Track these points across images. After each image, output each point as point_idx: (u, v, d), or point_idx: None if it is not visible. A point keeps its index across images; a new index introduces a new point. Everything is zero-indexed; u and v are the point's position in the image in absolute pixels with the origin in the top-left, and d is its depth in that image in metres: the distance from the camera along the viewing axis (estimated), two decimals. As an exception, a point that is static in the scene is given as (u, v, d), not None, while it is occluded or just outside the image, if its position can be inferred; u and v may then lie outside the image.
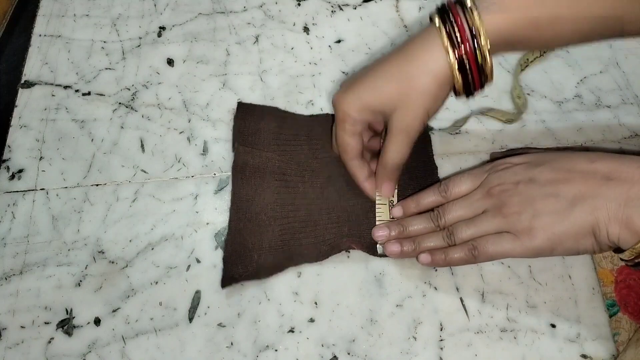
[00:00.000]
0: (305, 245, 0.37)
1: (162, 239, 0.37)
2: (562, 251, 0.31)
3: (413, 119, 0.34)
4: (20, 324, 0.34)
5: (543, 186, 0.32)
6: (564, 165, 0.32)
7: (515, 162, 0.35)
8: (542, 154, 0.35)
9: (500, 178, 0.34)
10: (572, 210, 0.30)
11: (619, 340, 0.34)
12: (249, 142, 0.40)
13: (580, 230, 0.30)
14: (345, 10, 0.50)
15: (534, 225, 0.31)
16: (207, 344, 0.34)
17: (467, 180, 0.36)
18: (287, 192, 0.38)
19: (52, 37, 0.47)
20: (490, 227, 0.33)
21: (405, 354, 0.34)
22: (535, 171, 0.33)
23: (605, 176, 0.30)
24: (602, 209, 0.29)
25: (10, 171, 0.40)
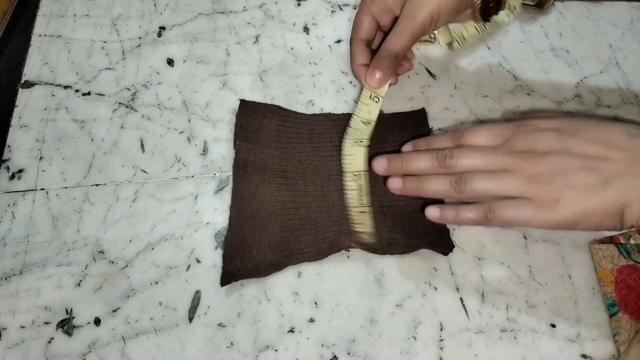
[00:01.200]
0: (305, 243, 0.37)
1: (162, 239, 0.37)
2: (583, 227, 0.30)
3: (421, 7, 0.35)
4: (20, 324, 0.34)
5: (577, 158, 0.30)
6: (600, 137, 0.30)
7: (543, 127, 0.32)
8: (573, 120, 0.32)
9: (529, 142, 0.31)
10: (604, 187, 0.29)
11: (619, 340, 0.34)
12: (250, 139, 0.40)
13: (609, 209, 0.29)
14: (345, 10, 0.50)
15: (561, 197, 0.30)
16: (207, 344, 0.34)
17: (486, 133, 0.33)
18: (287, 189, 0.38)
19: (52, 37, 0.47)
20: (511, 187, 0.31)
21: (405, 354, 0.34)
22: (568, 141, 0.31)
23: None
24: (636, 189, 0.28)
25: (10, 171, 0.40)
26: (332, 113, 0.43)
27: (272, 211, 0.37)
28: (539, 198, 0.30)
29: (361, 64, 0.38)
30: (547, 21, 0.50)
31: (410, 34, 0.36)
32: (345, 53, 0.47)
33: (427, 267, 0.37)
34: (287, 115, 0.42)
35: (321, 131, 0.42)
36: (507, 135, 0.33)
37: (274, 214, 0.37)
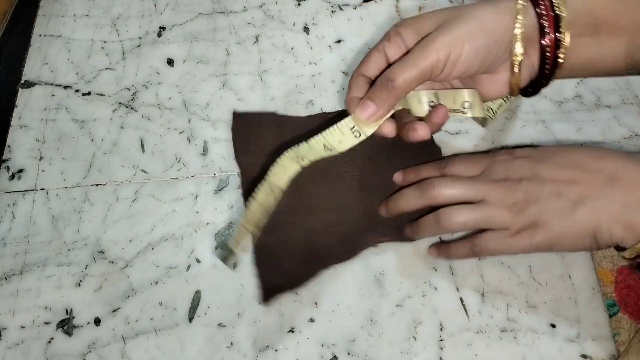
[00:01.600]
0: (332, 246, 0.36)
1: (162, 239, 0.37)
2: (559, 249, 0.32)
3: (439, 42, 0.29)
4: (20, 324, 0.34)
5: (546, 184, 0.31)
6: (568, 162, 0.32)
7: (518, 155, 0.34)
8: (546, 148, 0.34)
9: (504, 171, 0.33)
10: (574, 210, 0.30)
11: (619, 340, 0.34)
12: (251, 152, 0.40)
13: (581, 231, 0.30)
14: (345, 10, 0.50)
15: (537, 223, 0.31)
16: (207, 344, 0.34)
17: (465, 161, 0.35)
18: (299, 195, 0.38)
19: (52, 37, 0.47)
20: (491, 218, 0.32)
21: (405, 354, 0.34)
22: (539, 167, 0.32)
23: (610, 176, 0.30)
24: (605, 211, 0.29)
25: (10, 171, 0.40)
26: (328, 112, 0.43)
27: (290, 221, 0.37)
28: (517, 226, 0.32)
29: (355, 96, 0.33)
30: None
31: (417, 67, 0.30)
32: (346, 53, 0.47)
33: (427, 267, 0.37)
34: (283, 121, 0.42)
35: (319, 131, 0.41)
36: (486, 164, 0.35)
37: (293, 224, 0.37)
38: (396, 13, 0.50)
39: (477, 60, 0.30)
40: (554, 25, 0.30)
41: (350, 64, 0.47)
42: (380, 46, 0.33)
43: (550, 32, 0.30)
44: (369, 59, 0.34)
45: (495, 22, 0.30)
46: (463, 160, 0.36)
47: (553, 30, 0.30)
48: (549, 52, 0.30)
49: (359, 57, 0.47)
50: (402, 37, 0.32)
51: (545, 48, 0.30)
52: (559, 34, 0.30)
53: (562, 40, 0.30)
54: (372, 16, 0.50)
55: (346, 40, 0.48)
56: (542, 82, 0.32)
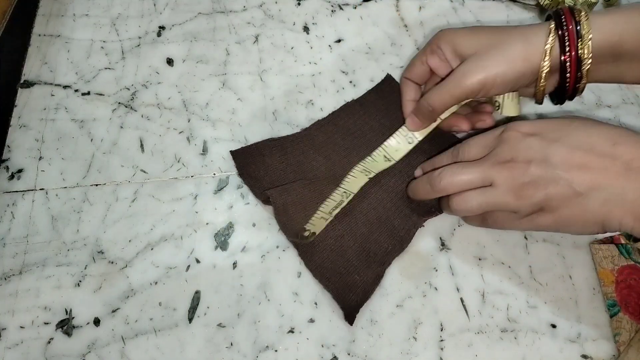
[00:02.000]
0: (384, 243, 0.37)
1: (162, 239, 0.37)
2: (566, 232, 0.32)
3: (474, 71, 0.34)
4: (19, 324, 0.34)
5: (557, 168, 0.30)
6: (582, 143, 0.30)
7: (527, 132, 0.33)
8: (558, 123, 0.33)
9: (512, 151, 0.32)
10: (585, 199, 0.29)
11: (619, 341, 0.34)
12: (268, 184, 0.39)
13: (590, 219, 0.30)
14: (345, 9, 0.50)
15: (544, 207, 0.31)
16: (207, 344, 0.34)
17: (474, 144, 0.35)
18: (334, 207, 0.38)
19: (51, 36, 0.47)
20: (499, 202, 0.32)
21: (405, 354, 0.34)
22: (549, 149, 0.31)
23: (625, 165, 0.29)
24: (617, 201, 0.29)
25: (10, 171, 0.40)
26: (322, 119, 0.43)
27: (337, 234, 0.37)
28: (525, 211, 0.32)
29: (409, 100, 0.40)
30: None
31: (451, 96, 0.35)
32: (346, 52, 0.47)
33: (427, 267, 0.37)
34: (283, 143, 0.41)
35: (323, 140, 0.41)
36: (494, 142, 0.34)
37: (341, 236, 0.37)
38: (396, 13, 0.50)
39: (506, 89, 0.35)
40: (576, 66, 0.33)
41: (350, 63, 0.46)
42: (422, 56, 0.39)
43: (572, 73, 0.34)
44: (413, 67, 0.39)
45: (524, 60, 0.33)
46: (474, 142, 0.35)
47: (574, 71, 0.34)
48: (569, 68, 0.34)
49: (359, 57, 0.47)
50: (442, 50, 0.37)
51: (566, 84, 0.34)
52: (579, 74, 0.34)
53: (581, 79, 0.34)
54: (372, 16, 0.50)
55: (346, 40, 0.48)
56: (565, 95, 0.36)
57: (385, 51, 0.47)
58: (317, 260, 0.36)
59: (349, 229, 0.37)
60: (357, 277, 0.35)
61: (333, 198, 0.37)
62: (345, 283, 0.35)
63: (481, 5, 0.51)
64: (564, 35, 0.33)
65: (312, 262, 0.36)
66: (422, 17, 0.50)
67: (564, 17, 0.33)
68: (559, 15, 0.33)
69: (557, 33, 0.33)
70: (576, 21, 0.33)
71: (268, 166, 0.40)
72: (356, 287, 0.35)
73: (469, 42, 0.35)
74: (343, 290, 0.35)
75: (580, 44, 0.32)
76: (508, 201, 0.32)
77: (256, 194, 0.39)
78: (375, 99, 0.44)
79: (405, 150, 0.39)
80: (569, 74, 0.34)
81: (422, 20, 0.49)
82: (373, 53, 0.47)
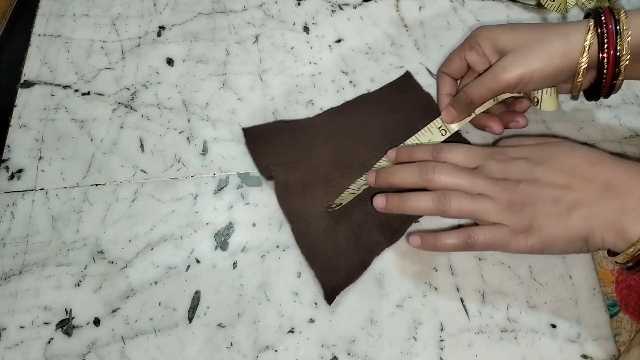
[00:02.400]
0: (376, 232, 0.37)
1: (162, 239, 0.37)
2: (550, 252, 0.32)
3: (512, 66, 0.35)
4: (19, 324, 0.34)
5: (544, 188, 0.32)
6: (564, 166, 0.33)
7: (514, 156, 0.34)
8: (540, 149, 0.35)
9: (503, 171, 0.34)
10: (569, 216, 0.31)
11: (619, 341, 0.34)
12: (275, 162, 0.40)
13: (573, 236, 0.31)
14: (345, 9, 0.50)
15: (532, 225, 0.32)
16: (207, 344, 0.34)
17: (461, 152, 0.36)
18: (333, 192, 0.38)
19: (51, 36, 0.47)
20: (489, 212, 0.33)
21: (405, 354, 0.34)
22: (536, 170, 0.33)
23: (604, 184, 0.31)
24: (598, 218, 0.30)
25: (10, 171, 0.40)
26: (333, 107, 0.43)
27: (332, 217, 0.37)
28: (514, 226, 0.32)
29: (445, 94, 0.41)
30: (547, 20, 0.50)
31: (489, 89, 0.36)
32: (346, 52, 0.47)
33: (427, 267, 0.37)
34: (294, 126, 0.42)
35: (334, 128, 0.42)
36: (482, 160, 0.35)
37: (335, 220, 0.37)
38: (396, 13, 0.50)
39: (543, 85, 0.36)
40: (614, 64, 0.34)
41: (350, 63, 0.46)
42: (461, 52, 0.40)
43: (609, 70, 0.35)
44: (451, 62, 0.41)
45: (563, 57, 0.35)
46: (459, 149, 0.36)
47: (612, 68, 0.34)
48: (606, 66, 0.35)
49: (359, 57, 0.47)
50: (480, 46, 0.38)
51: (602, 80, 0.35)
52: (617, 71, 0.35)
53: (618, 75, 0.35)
54: (372, 16, 0.50)
55: (346, 40, 0.48)
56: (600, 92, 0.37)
57: (385, 51, 0.47)
58: (308, 239, 0.37)
59: (346, 214, 0.38)
60: (343, 259, 0.36)
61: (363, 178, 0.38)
62: (330, 264, 0.36)
63: (481, 5, 0.51)
64: (603, 33, 0.34)
65: (302, 239, 0.37)
66: (422, 17, 0.50)
67: (603, 16, 0.34)
68: (599, 14, 0.34)
69: (596, 31, 0.34)
70: (615, 20, 0.34)
71: (277, 146, 0.41)
72: (340, 269, 0.35)
73: (509, 37, 0.37)
74: (327, 270, 0.35)
75: (620, 41, 0.34)
76: (498, 211, 0.32)
77: (260, 169, 0.40)
78: (391, 94, 0.44)
79: (437, 140, 0.39)
80: (606, 71, 0.35)
81: (422, 20, 0.49)
82: (373, 53, 0.47)
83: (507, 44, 0.37)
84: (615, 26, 0.34)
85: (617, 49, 0.34)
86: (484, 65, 0.39)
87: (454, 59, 0.40)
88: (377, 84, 0.45)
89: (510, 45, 0.36)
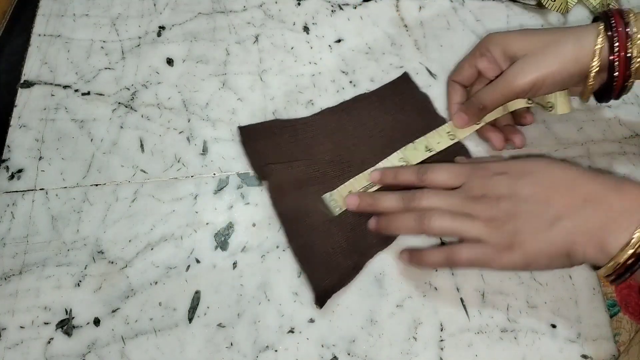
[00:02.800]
0: (370, 235, 0.37)
1: (162, 239, 0.37)
2: (534, 268, 0.32)
3: (525, 71, 0.35)
4: (19, 324, 0.34)
5: (524, 202, 0.32)
6: (544, 181, 0.33)
7: (495, 171, 0.34)
8: (521, 164, 0.35)
9: (483, 187, 0.34)
10: (550, 231, 0.31)
11: (619, 341, 0.34)
12: (271, 160, 0.40)
13: (556, 251, 0.31)
14: (345, 9, 0.50)
15: (514, 242, 0.31)
16: (207, 344, 0.34)
17: (445, 173, 0.36)
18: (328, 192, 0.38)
19: (51, 36, 0.47)
20: (470, 230, 0.33)
21: (405, 354, 0.34)
22: (516, 186, 0.33)
23: (583, 198, 0.31)
24: (579, 231, 0.30)
25: (10, 171, 0.40)
26: (332, 106, 0.43)
27: (324, 220, 0.37)
28: (495, 242, 0.32)
29: (456, 102, 0.41)
30: (547, 20, 0.50)
31: (502, 95, 0.37)
32: (346, 52, 0.47)
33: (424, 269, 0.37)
34: (294, 124, 0.42)
35: (335, 126, 0.42)
36: (464, 178, 0.35)
37: (328, 222, 0.37)
38: (396, 12, 0.50)
39: (554, 89, 0.37)
40: (625, 66, 0.34)
41: (350, 63, 0.46)
42: (471, 59, 0.40)
43: (620, 72, 0.35)
44: (462, 70, 0.41)
45: (575, 61, 0.35)
46: (443, 170, 0.36)
47: (623, 70, 0.35)
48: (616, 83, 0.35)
49: (359, 57, 0.47)
50: (491, 53, 0.38)
51: (614, 82, 0.36)
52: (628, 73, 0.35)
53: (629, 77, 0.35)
54: (372, 16, 0.50)
55: (346, 40, 0.48)
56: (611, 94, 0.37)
57: (385, 51, 0.47)
58: (300, 241, 0.36)
59: (339, 218, 0.37)
60: (336, 262, 0.35)
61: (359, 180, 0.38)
62: (322, 266, 0.35)
63: (481, 5, 0.51)
64: (613, 36, 0.34)
65: (295, 242, 0.37)
66: (422, 17, 0.50)
67: (613, 19, 0.34)
68: (608, 17, 0.35)
69: (607, 34, 0.34)
70: (625, 22, 0.34)
71: (277, 144, 0.40)
72: (333, 271, 0.35)
73: (520, 43, 0.37)
74: (320, 272, 0.35)
75: (630, 44, 0.34)
76: (479, 227, 0.32)
77: (256, 168, 0.40)
78: (391, 94, 0.44)
79: (445, 144, 0.40)
80: (617, 73, 0.35)
81: (422, 20, 0.49)
82: (373, 53, 0.47)
83: (519, 49, 0.37)
84: (625, 28, 0.34)
85: (627, 51, 0.34)
86: (495, 71, 0.39)
87: (464, 66, 0.41)
88: (377, 84, 0.45)
89: (522, 51, 0.36)
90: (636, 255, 0.28)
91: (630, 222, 0.28)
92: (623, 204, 0.29)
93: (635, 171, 0.41)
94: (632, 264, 0.28)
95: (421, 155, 0.40)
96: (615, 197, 0.30)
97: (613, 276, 0.30)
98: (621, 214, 0.29)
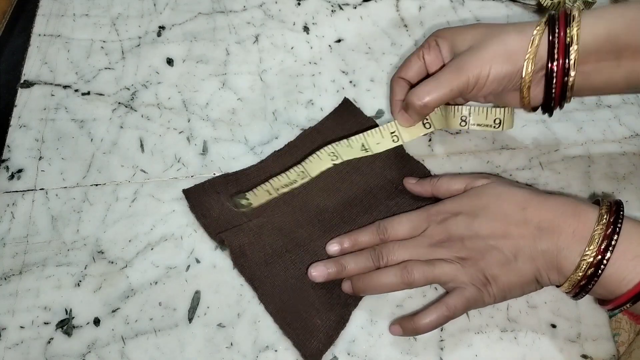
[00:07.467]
0: None
1: (162, 239, 0.37)
2: (511, 297, 0.33)
3: (471, 61, 0.34)
4: (19, 324, 0.34)
5: (486, 239, 0.33)
6: (497, 215, 0.33)
7: (451, 212, 0.34)
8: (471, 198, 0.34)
9: (444, 232, 0.34)
10: (516, 262, 0.32)
11: (619, 341, 0.34)
12: (223, 224, 0.37)
13: (526, 280, 0.32)
14: (345, 9, 0.50)
15: (487, 277, 0.32)
16: (207, 344, 0.34)
17: (405, 226, 0.35)
18: (294, 244, 0.36)
19: (51, 36, 0.47)
20: (449, 273, 0.33)
21: (405, 354, 0.34)
22: (474, 224, 0.33)
23: (537, 226, 0.32)
24: (539, 259, 0.31)
25: (10, 171, 0.40)
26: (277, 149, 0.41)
27: (298, 274, 0.35)
28: (475, 281, 0.32)
29: (399, 99, 0.38)
30: (547, 21, 0.50)
31: (450, 86, 0.34)
32: (346, 52, 0.47)
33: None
34: (238, 177, 0.39)
35: (279, 171, 0.38)
36: (424, 225, 0.35)
37: (301, 275, 0.35)
38: (396, 12, 0.50)
39: (499, 86, 0.35)
40: (564, 52, 0.32)
41: (350, 63, 0.46)
42: (419, 53, 0.38)
43: (559, 57, 0.33)
44: (409, 64, 0.39)
45: (518, 48, 0.33)
46: (401, 222, 0.35)
47: (562, 56, 0.33)
48: (555, 77, 0.33)
49: (359, 57, 0.47)
50: (439, 47, 0.37)
51: (552, 73, 0.33)
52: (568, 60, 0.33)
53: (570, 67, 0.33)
54: (372, 16, 0.50)
55: (346, 40, 0.48)
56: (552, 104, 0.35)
57: (385, 51, 0.47)
58: (278, 303, 0.34)
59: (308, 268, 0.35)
60: (319, 321, 0.33)
61: (288, 175, 0.36)
62: (306, 327, 0.33)
63: (481, 4, 0.51)
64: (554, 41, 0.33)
65: (272, 305, 0.34)
66: (422, 17, 0.50)
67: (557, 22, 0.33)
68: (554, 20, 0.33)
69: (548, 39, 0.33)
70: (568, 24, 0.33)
71: (223, 204, 0.37)
72: (318, 332, 0.33)
73: (466, 37, 0.36)
74: (304, 336, 0.33)
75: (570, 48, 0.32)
76: (455, 269, 0.33)
77: (211, 235, 0.37)
78: (333, 125, 0.42)
79: (387, 146, 0.38)
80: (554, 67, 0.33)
81: (422, 20, 0.49)
82: (373, 53, 0.47)
83: (464, 43, 0.35)
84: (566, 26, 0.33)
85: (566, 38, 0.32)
86: (438, 65, 0.37)
87: (412, 59, 0.38)
88: (377, 84, 0.45)
89: (466, 45, 0.35)
90: (586, 277, 0.30)
91: (579, 245, 0.30)
92: (573, 229, 0.31)
93: (635, 171, 0.41)
94: (584, 285, 0.30)
95: (356, 154, 0.38)
96: (564, 222, 0.31)
97: (572, 294, 0.31)
98: (572, 238, 0.30)
